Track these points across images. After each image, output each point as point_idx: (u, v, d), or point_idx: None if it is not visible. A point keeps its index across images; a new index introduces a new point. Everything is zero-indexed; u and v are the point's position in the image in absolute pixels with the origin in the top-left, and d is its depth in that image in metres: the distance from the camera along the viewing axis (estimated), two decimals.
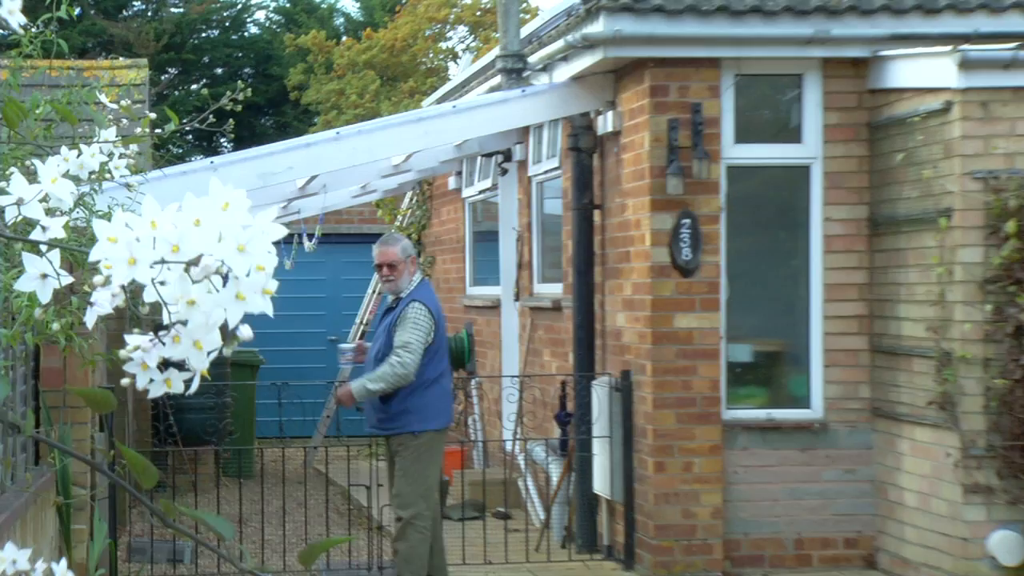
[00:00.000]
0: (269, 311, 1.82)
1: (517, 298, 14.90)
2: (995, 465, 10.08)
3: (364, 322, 19.43)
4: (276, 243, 1.86)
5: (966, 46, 10.28)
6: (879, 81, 11.15)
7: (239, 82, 5.42)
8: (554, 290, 13.74)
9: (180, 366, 1.93)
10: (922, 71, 10.60)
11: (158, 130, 5.42)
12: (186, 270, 1.68)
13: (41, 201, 2.20)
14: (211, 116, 5.18)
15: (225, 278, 1.79)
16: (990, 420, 10.08)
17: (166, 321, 1.86)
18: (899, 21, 11.07)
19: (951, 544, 10.24)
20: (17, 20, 3.36)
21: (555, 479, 12.81)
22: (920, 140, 10.62)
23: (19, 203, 2.18)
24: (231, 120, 5.45)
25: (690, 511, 11.20)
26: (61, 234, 2.15)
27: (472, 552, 11.96)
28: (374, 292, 19.68)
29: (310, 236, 17.32)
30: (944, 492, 10.32)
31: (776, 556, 11.35)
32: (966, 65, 10.08)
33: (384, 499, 13.93)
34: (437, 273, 18.99)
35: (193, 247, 1.74)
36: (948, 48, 10.30)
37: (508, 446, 14.26)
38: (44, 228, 2.15)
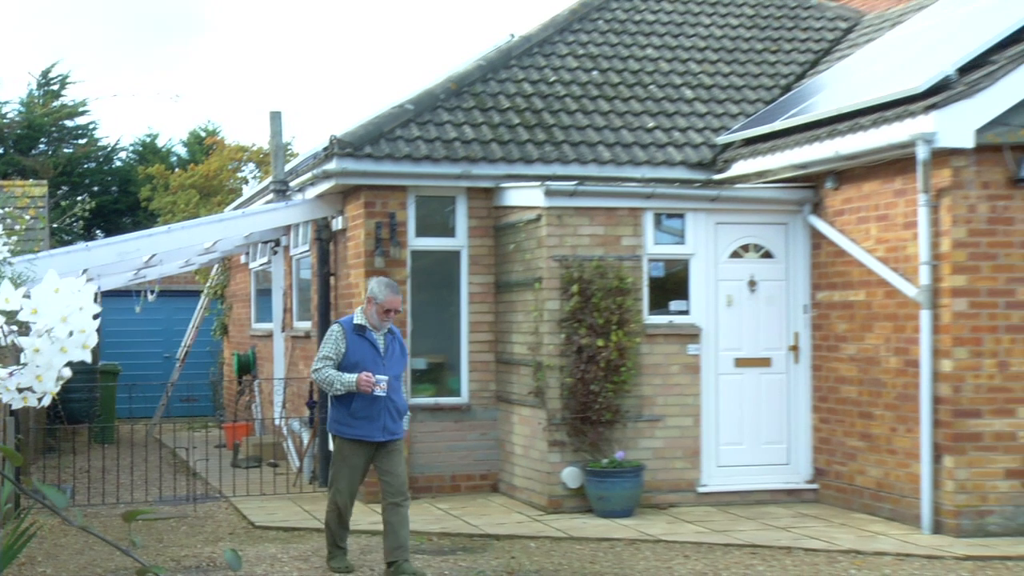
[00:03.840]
0: (88, 359, 1.67)
1: (283, 330, 14.55)
2: (566, 429, 10.27)
3: (188, 345, 18.70)
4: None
5: (549, 182, 10.50)
6: (500, 201, 11.29)
7: (86, 195, 5.18)
8: (306, 325, 13.46)
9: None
10: (524, 196, 10.77)
11: (41, 225, 5.13)
12: (25, 331, 1.54)
13: None
14: (70, 218, 4.93)
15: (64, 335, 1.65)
16: (563, 403, 10.26)
17: (23, 360, 1.72)
18: (511, 166, 11.25)
19: (541, 476, 10.37)
20: None
21: (306, 442, 12.53)
22: (523, 236, 10.79)
23: None
24: (81, 220, 5.19)
25: None
26: None
27: (253, 487, 11.61)
28: (194, 327, 18.97)
29: (151, 292, 16.61)
30: (537, 445, 10.46)
31: (440, 487, 11.31)
32: (549, 193, 10.29)
33: (198, 456, 13.41)
34: (234, 315, 18.42)
35: (39, 316, 1.59)
36: (539, 183, 10.50)
37: (277, 421, 13.90)
38: None
